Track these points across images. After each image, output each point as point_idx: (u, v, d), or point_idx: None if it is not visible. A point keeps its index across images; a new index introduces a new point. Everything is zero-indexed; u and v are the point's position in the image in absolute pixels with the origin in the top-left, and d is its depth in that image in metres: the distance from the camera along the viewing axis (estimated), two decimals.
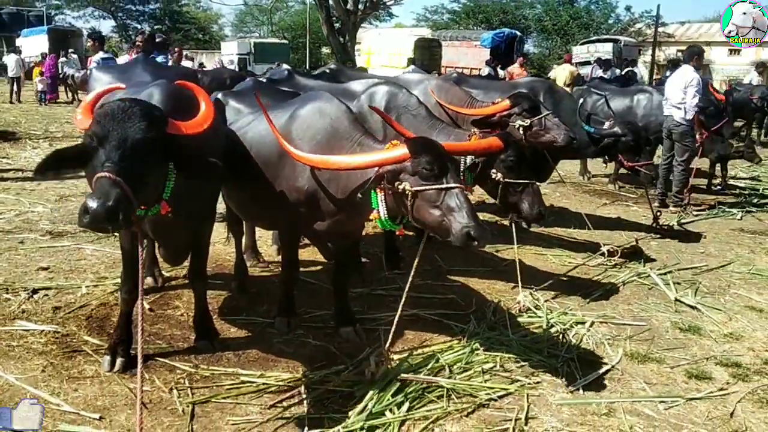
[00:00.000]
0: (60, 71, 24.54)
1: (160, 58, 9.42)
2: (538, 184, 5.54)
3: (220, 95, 5.27)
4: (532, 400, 4.04)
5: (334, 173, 3.96)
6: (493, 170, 5.19)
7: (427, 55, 30.72)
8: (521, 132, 6.43)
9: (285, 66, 7.95)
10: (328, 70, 8.52)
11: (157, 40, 10.48)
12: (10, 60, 24.54)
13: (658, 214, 8.31)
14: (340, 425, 3.59)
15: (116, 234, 5.76)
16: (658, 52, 38.10)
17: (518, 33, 32.65)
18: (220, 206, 5.00)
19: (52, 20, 45.39)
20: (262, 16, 58.83)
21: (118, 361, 4.16)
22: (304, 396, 3.91)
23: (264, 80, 7.10)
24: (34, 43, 33.45)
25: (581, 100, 8.52)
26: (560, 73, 17.03)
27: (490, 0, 54.96)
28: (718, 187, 11.27)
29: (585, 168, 12.10)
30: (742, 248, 7.70)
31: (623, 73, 20.41)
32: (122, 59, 9.39)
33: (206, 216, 4.45)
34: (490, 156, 5.05)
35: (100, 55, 10.09)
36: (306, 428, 3.58)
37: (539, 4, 54.42)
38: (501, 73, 19.24)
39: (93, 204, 2.91)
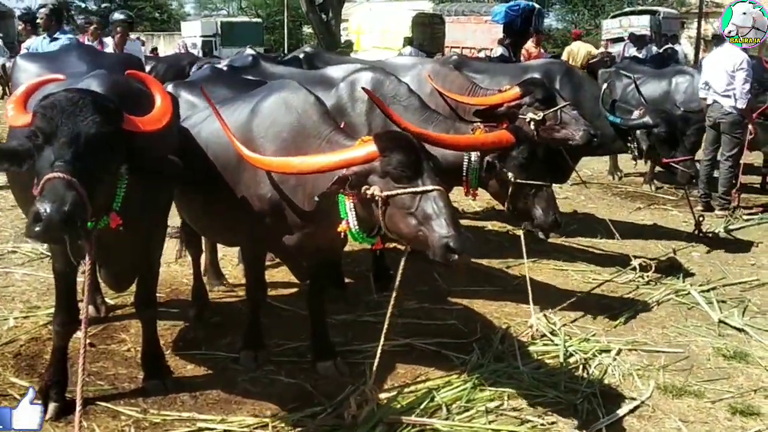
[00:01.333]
0: None
1: (105, 43, 9.51)
2: (556, 186, 5.59)
3: (170, 86, 5.34)
4: None
5: (301, 178, 4.02)
6: (503, 169, 5.23)
7: (427, 34, 30.90)
8: (533, 127, 6.49)
9: (249, 50, 8.02)
10: (302, 55, 8.61)
11: (119, 16, 10.55)
12: None
13: (701, 219, 8.38)
14: None
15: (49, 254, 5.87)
16: (705, 26, 38.25)
17: (536, 5, 32.74)
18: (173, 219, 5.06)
19: None
20: None
21: (51, 406, 4.18)
22: None
23: (224, 68, 7.18)
24: None
25: (606, 85, 8.60)
26: (575, 53, 17.13)
27: None
28: None
29: (615, 166, 12.20)
30: None
31: (661, 50, 20.56)
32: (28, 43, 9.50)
33: (157, 230, 4.50)
34: (499, 152, 5.12)
35: (34, 40, 10.20)
36: None
37: None
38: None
39: (46, 208, 2.96)
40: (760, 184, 11.42)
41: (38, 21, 9.29)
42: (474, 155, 5.29)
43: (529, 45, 17.53)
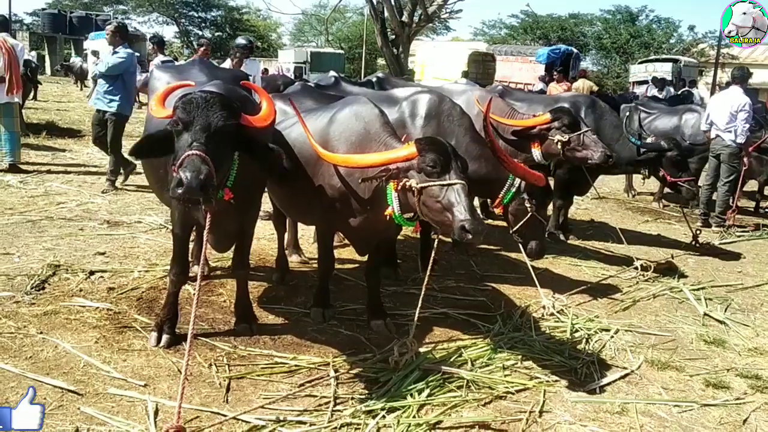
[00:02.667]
0: None
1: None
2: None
3: None
4: (549, 396, 4.23)
5: (363, 172, 4.23)
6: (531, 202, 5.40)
7: (480, 69, 30.87)
8: (559, 147, 6.63)
9: (332, 73, 8.36)
10: (374, 79, 8.86)
11: (241, 41, 10.82)
12: (90, 62, 26.20)
13: (698, 232, 8.36)
14: (363, 404, 3.88)
15: (168, 226, 6.23)
16: (721, 74, 37.38)
17: (574, 50, 32.46)
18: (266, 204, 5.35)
19: None
20: (320, 26, 59.83)
21: (164, 337, 4.50)
22: (333, 378, 4.19)
23: (312, 85, 7.48)
24: (99, 46, 34.82)
25: (626, 117, 8.67)
26: (580, 88, 17.03)
27: (549, 16, 54.96)
28: (766, 209, 11.19)
29: (630, 185, 12.17)
30: None
31: (679, 93, 20.27)
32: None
33: (253, 207, 4.78)
34: (529, 185, 5.31)
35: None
36: (332, 405, 3.87)
37: (599, 21, 54.16)
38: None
39: (187, 176, 3.30)
40: (754, 208, 11.28)
41: (106, 37, 9.43)
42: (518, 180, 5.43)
43: (554, 85, 17.45)
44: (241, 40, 10.72)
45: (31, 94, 20.40)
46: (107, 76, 9.06)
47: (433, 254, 4.46)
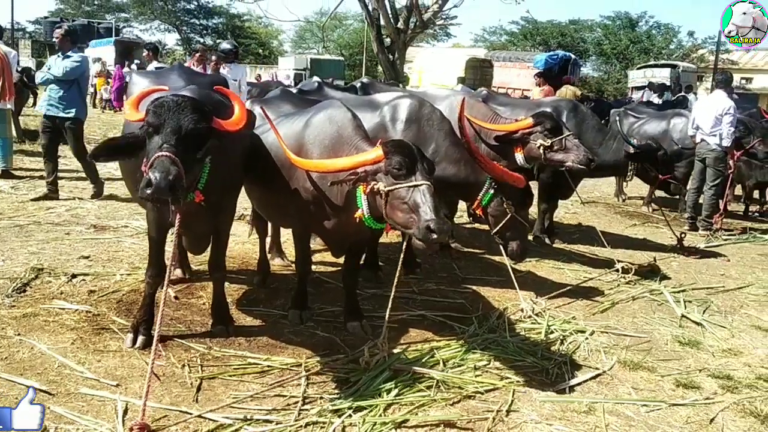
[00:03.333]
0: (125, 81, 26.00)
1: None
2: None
3: (248, 103, 5.71)
4: (517, 396, 4.26)
5: (334, 175, 4.24)
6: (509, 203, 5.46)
7: (478, 75, 31.00)
8: (541, 151, 6.67)
9: (315, 78, 8.47)
10: (358, 84, 8.95)
11: (226, 47, 10.86)
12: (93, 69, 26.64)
13: (683, 236, 8.40)
14: (330, 403, 3.92)
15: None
16: None
17: (572, 56, 32.61)
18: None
19: (120, 32, 47.43)
20: (321, 32, 60.10)
21: (140, 338, 4.55)
22: (303, 378, 4.24)
23: (294, 91, 7.55)
24: (101, 54, 35.06)
25: (615, 121, 8.75)
26: (564, 94, 17.09)
27: (549, 22, 55.16)
28: (755, 213, 11.23)
29: (620, 189, 12.21)
30: (765, 272, 7.74)
31: (674, 98, 20.34)
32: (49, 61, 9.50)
33: (226, 210, 4.83)
34: (509, 186, 5.36)
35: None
36: (300, 404, 3.92)
37: (599, 27, 54.40)
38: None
39: (156, 176, 3.36)
40: (743, 212, 11.32)
41: (54, 40, 9.24)
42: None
43: (536, 91, 17.44)
44: (225, 45, 10.77)
45: (30, 101, 20.48)
46: (62, 81, 8.86)
47: (402, 256, 4.50)
